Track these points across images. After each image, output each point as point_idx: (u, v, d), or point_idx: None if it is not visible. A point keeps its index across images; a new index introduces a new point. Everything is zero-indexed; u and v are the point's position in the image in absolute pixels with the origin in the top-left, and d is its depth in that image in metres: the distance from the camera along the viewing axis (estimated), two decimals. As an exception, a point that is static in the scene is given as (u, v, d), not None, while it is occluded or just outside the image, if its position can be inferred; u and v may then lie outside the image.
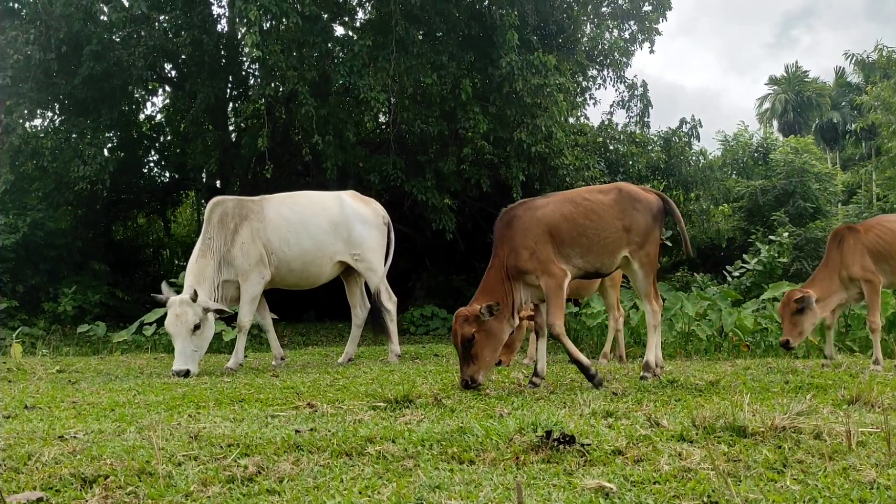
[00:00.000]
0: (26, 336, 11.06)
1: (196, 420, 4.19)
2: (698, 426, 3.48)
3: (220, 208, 7.47)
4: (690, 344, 8.63)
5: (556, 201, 5.64)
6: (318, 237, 7.68)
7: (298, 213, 7.68)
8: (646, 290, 5.71)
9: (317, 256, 7.69)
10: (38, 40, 11.90)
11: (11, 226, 12.94)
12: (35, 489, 2.81)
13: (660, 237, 5.77)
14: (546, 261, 5.40)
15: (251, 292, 7.43)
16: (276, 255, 7.49)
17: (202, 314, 6.82)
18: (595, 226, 5.53)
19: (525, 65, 12.50)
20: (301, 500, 2.64)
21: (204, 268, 7.19)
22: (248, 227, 7.41)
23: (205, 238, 7.36)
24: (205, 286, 7.10)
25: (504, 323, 5.37)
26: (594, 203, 5.60)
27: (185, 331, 6.75)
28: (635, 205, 5.61)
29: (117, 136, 15.17)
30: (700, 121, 16.21)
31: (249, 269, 7.37)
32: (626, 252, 5.60)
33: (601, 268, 5.64)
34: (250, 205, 7.58)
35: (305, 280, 7.84)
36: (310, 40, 12.78)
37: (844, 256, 6.57)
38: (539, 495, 2.60)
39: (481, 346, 5.25)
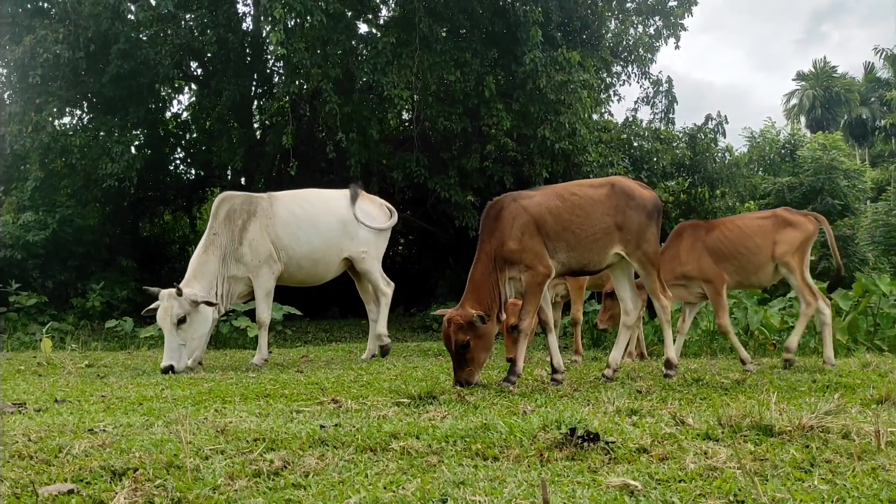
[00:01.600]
0: (56, 331, 11.23)
1: (222, 415, 4.24)
2: (724, 425, 3.45)
3: (228, 204, 7.46)
4: (715, 342, 8.55)
5: (544, 194, 5.53)
6: (327, 234, 7.69)
7: (308, 210, 7.69)
8: (651, 288, 5.62)
9: (325, 254, 7.70)
10: (67, 39, 12.06)
11: (41, 222, 13.14)
12: (66, 481, 2.86)
13: (657, 235, 5.62)
14: (534, 253, 5.30)
15: (264, 288, 7.43)
16: (286, 251, 7.50)
17: (189, 307, 6.77)
18: (581, 221, 5.41)
19: (549, 61, 12.46)
20: (326, 494, 2.66)
21: (205, 262, 7.18)
22: (257, 223, 7.40)
23: (210, 233, 7.34)
24: (202, 281, 7.07)
25: (494, 320, 5.30)
26: (582, 198, 5.49)
27: (169, 324, 6.75)
28: (629, 202, 5.48)
29: (144, 133, 15.34)
30: (726, 117, 16.06)
31: (259, 265, 7.37)
32: (618, 250, 5.48)
33: (588, 265, 5.52)
34: (259, 201, 7.57)
35: (313, 277, 7.86)
36: (334, 38, 12.83)
37: (680, 253, 6.35)
38: (563, 492, 2.59)
39: (476, 350, 5.21)
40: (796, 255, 6.30)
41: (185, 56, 14.13)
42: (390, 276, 8.30)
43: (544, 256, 5.33)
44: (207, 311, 6.99)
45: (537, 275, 5.29)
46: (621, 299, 5.82)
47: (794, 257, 6.28)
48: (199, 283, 7.03)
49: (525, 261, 5.30)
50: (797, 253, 6.30)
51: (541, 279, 5.30)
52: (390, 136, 16.05)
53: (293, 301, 11.60)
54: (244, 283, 7.45)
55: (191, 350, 6.90)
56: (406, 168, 13.47)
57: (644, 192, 5.64)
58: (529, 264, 5.30)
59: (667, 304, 5.63)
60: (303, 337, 12.40)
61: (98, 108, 14.13)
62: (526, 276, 5.31)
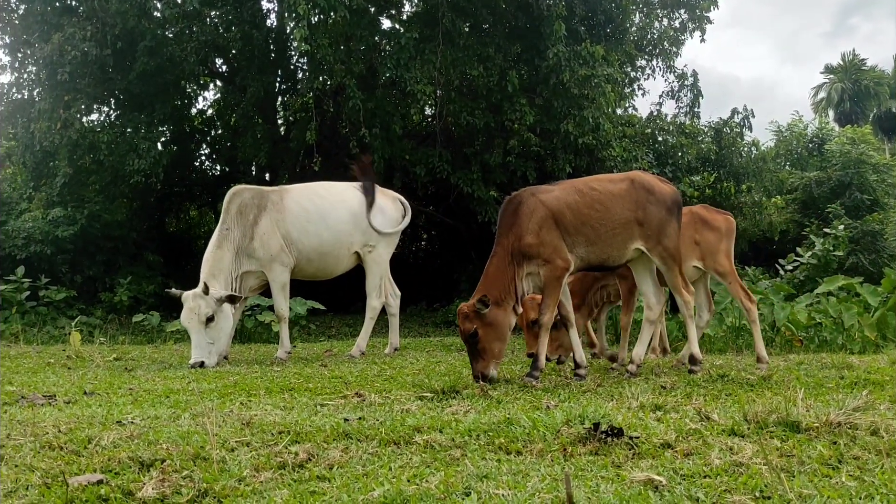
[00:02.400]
0: (84, 325, 11.40)
1: (248, 407, 4.28)
2: (750, 421, 3.42)
3: (239, 199, 7.46)
4: (741, 338, 8.46)
5: (563, 189, 5.51)
6: (337, 228, 7.66)
7: (318, 204, 7.67)
8: (673, 283, 5.59)
9: (335, 247, 7.68)
10: (95, 37, 12.20)
11: (70, 218, 13.33)
12: (95, 471, 2.90)
13: (678, 229, 5.57)
14: (552, 247, 5.28)
15: (279, 281, 7.44)
16: (296, 245, 7.50)
17: (215, 306, 6.83)
18: (600, 216, 5.38)
19: (572, 56, 12.39)
20: (350, 486, 2.68)
21: (220, 259, 7.19)
22: (268, 217, 7.40)
23: (222, 228, 7.36)
24: (220, 278, 7.10)
25: (509, 312, 5.27)
26: (602, 193, 5.45)
27: (198, 324, 6.79)
28: (648, 197, 5.45)
29: (170, 130, 15.48)
30: (752, 111, 15.85)
31: (271, 260, 7.37)
32: (639, 245, 5.45)
33: (607, 260, 5.48)
34: (269, 195, 7.56)
35: (322, 271, 7.84)
36: (357, 34, 12.86)
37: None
38: (587, 487, 2.59)
39: (486, 339, 5.18)
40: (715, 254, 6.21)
41: (210, 53, 14.23)
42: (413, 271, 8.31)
43: (563, 250, 5.31)
44: (229, 308, 7.04)
45: (556, 268, 5.28)
46: (643, 294, 5.79)
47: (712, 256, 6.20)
48: (219, 279, 7.06)
49: (543, 255, 5.29)
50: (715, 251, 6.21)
51: (559, 273, 5.28)
52: (413, 131, 16.06)
53: (317, 296, 11.67)
54: (256, 277, 7.46)
55: (220, 346, 6.97)
56: (429, 163, 13.48)
57: (664, 187, 5.60)
58: (548, 258, 5.29)
59: (689, 299, 5.59)
60: (326, 332, 12.48)
61: (125, 105, 14.29)
62: (544, 271, 5.30)
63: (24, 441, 3.41)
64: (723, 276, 6.17)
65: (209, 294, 6.80)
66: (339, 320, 13.52)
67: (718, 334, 8.65)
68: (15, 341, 9.94)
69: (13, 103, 14.16)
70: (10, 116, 14.26)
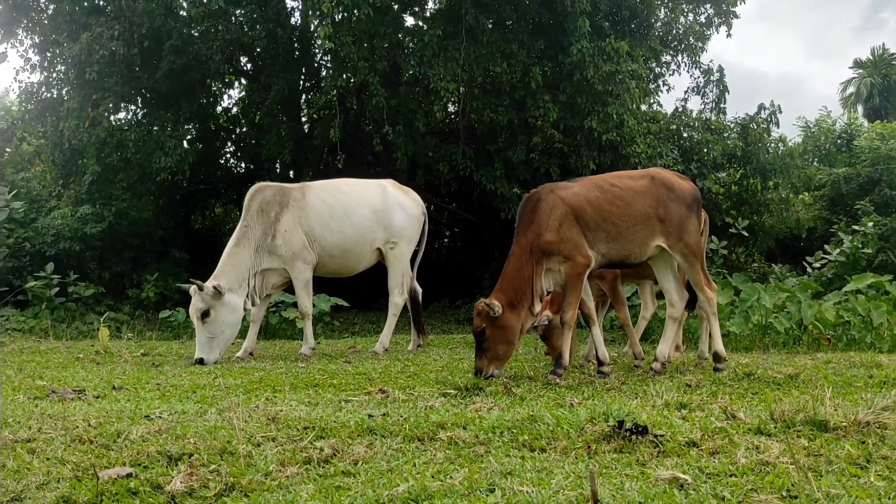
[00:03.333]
0: (112, 320, 11.55)
1: (273, 403, 4.32)
2: (777, 420, 3.39)
3: (260, 196, 7.47)
4: (768, 337, 8.37)
5: (583, 185, 5.48)
6: (360, 225, 7.67)
7: (341, 200, 7.67)
8: (695, 280, 5.54)
9: (357, 244, 7.69)
10: (122, 36, 12.35)
11: (98, 215, 13.51)
12: (125, 465, 2.95)
13: (699, 225, 5.54)
14: (572, 244, 5.25)
15: (302, 279, 7.45)
16: (318, 242, 7.50)
17: (210, 300, 6.82)
18: (621, 213, 5.35)
19: (596, 52, 12.32)
20: (375, 482, 2.70)
21: (235, 255, 7.20)
22: (290, 214, 7.40)
23: (242, 225, 7.37)
24: (230, 273, 7.09)
25: (522, 314, 5.26)
26: (623, 189, 5.43)
27: (195, 319, 6.85)
28: (669, 194, 5.42)
29: (196, 128, 15.62)
30: (779, 106, 15.62)
31: (294, 257, 7.38)
32: (660, 242, 5.41)
33: (628, 257, 5.45)
34: (291, 192, 7.56)
35: (345, 267, 7.85)
36: (381, 31, 12.89)
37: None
38: (612, 484, 2.59)
39: (492, 340, 5.20)
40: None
41: (235, 51, 14.34)
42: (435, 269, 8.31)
43: (583, 247, 5.28)
44: (235, 301, 6.99)
45: (577, 265, 5.25)
46: (665, 291, 5.76)
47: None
48: (227, 276, 7.07)
49: (564, 251, 5.26)
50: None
51: (581, 269, 5.26)
52: (436, 128, 16.07)
53: (340, 293, 11.73)
54: (278, 274, 7.47)
55: (224, 341, 6.92)
56: (452, 160, 13.48)
57: (683, 184, 5.58)
58: (568, 255, 5.26)
59: (712, 295, 5.55)
60: (350, 328, 12.54)
61: (152, 104, 14.45)
62: (565, 267, 5.28)
63: (55, 434, 3.47)
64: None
65: (203, 289, 6.81)
66: (363, 317, 13.58)
67: (744, 332, 8.56)
68: (45, 336, 10.11)
69: (43, 102, 14.38)
70: (39, 115, 14.49)
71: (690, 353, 7.25)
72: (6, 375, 5.93)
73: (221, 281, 6.96)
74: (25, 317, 11.33)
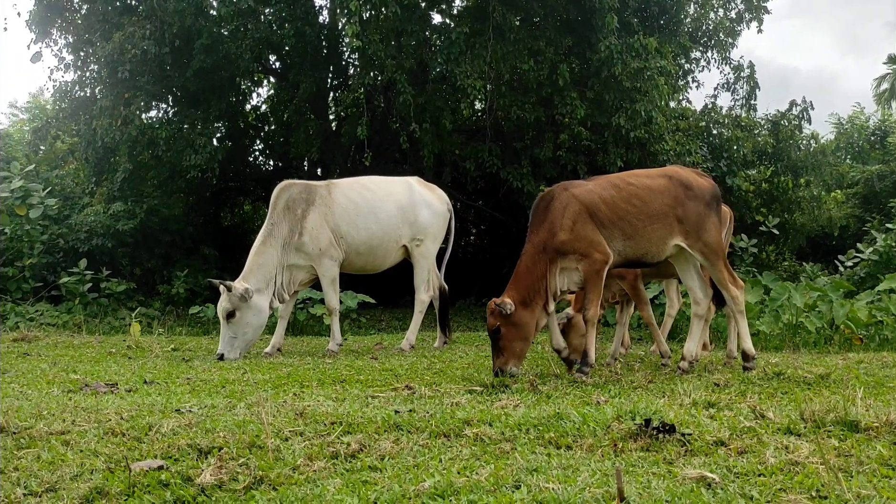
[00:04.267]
0: (143, 316, 11.71)
1: (301, 398, 4.36)
2: (807, 419, 3.36)
3: (287, 194, 7.51)
4: (798, 336, 8.27)
5: (599, 184, 5.46)
6: (386, 222, 7.69)
7: (367, 197, 7.70)
8: (718, 279, 5.46)
9: (384, 241, 7.70)
10: (154, 35, 12.50)
11: (130, 212, 13.71)
12: (156, 457, 3.01)
13: (718, 224, 5.45)
14: (587, 241, 5.22)
15: (328, 276, 7.49)
16: (345, 239, 7.53)
17: (237, 302, 6.89)
18: (638, 212, 5.30)
19: (625, 48, 12.22)
20: (402, 477, 2.72)
21: (262, 254, 7.26)
22: (316, 211, 7.44)
23: (268, 223, 7.42)
24: (258, 274, 7.16)
25: (536, 312, 5.27)
26: (639, 188, 5.38)
27: (222, 318, 6.94)
28: (687, 192, 5.36)
29: (225, 126, 15.77)
30: (811, 103, 15.38)
31: (321, 254, 7.42)
32: (678, 241, 5.34)
33: (645, 256, 5.41)
34: (317, 189, 7.61)
35: (371, 264, 7.87)
36: (408, 29, 12.90)
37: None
38: (638, 483, 2.58)
39: (507, 338, 5.21)
40: None
41: (264, 50, 14.43)
42: (462, 266, 8.30)
43: (600, 243, 5.25)
44: (261, 303, 7.07)
45: (595, 262, 5.23)
46: (689, 289, 5.69)
47: None
48: (255, 276, 7.13)
49: (579, 250, 5.25)
50: None
51: (599, 266, 5.24)
52: (463, 126, 16.06)
53: (367, 290, 11.78)
54: (306, 271, 7.51)
55: (245, 341, 7.01)
56: (478, 158, 13.46)
57: (702, 182, 5.50)
58: (584, 252, 5.24)
59: (737, 293, 5.46)
60: (376, 325, 12.59)
61: (182, 102, 14.60)
62: (583, 265, 5.26)
63: (89, 427, 3.54)
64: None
65: (231, 290, 6.89)
66: (389, 314, 13.63)
67: (774, 332, 8.46)
68: (78, 331, 10.29)
69: (76, 101, 14.60)
70: (73, 114, 14.71)
71: (719, 352, 7.18)
72: (41, 369, 6.06)
73: (250, 282, 7.04)
74: (59, 312, 11.54)
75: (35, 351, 7.59)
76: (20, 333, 9.16)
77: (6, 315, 10.84)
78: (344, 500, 2.49)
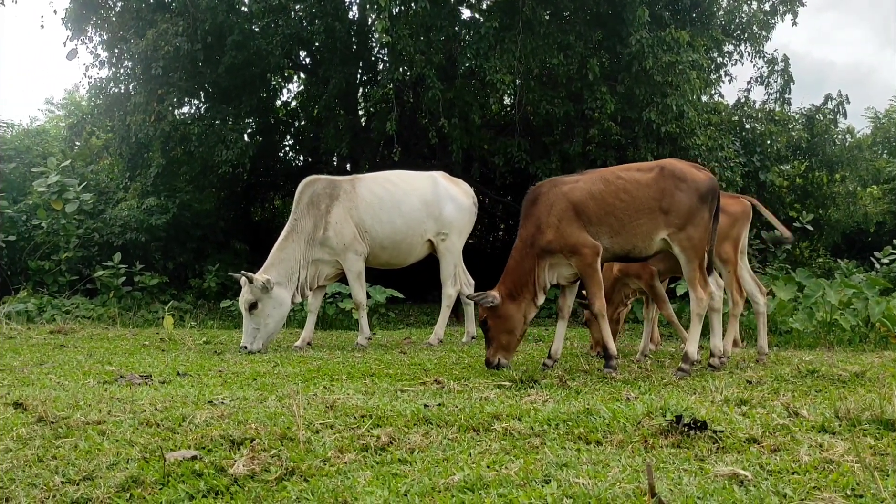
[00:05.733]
0: (175, 309, 11.88)
1: (331, 391, 4.40)
2: (842, 418, 3.31)
3: (311, 189, 7.56)
4: (832, 334, 8.14)
5: (587, 179, 5.46)
6: (410, 216, 7.68)
7: (391, 191, 7.70)
8: (689, 276, 5.31)
9: (408, 235, 7.70)
10: (186, 32, 12.64)
11: (163, 207, 13.91)
12: (189, 448, 3.05)
13: (709, 219, 5.31)
14: (573, 239, 5.27)
15: (354, 270, 7.52)
16: (369, 233, 7.55)
17: (259, 293, 6.94)
18: (625, 206, 5.28)
19: (656, 42, 12.09)
20: (431, 470, 2.73)
21: (284, 248, 7.32)
22: (340, 206, 7.47)
23: (292, 219, 7.48)
24: (280, 267, 7.21)
25: (523, 306, 5.40)
26: (627, 182, 5.34)
27: (244, 310, 6.99)
28: (678, 184, 5.26)
29: (256, 121, 15.89)
30: (847, 97, 15.07)
31: (345, 249, 7.44)
32: (664, 235, 5.27)
33: (633, 250, 5.38)
34: (343, 184, 7.63)
35: (396, 258, 7.87)
36: (437, 24, 12.89)
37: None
38: (669, 479, 2.56)
39: (494, 330, 5.39)
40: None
41: (294, 46, 14.52)
42: (490, 261, 8.29)
43: (586, 239, 5.28)
44: (282, 295, 7.11)
45: (585, 256, 5.28)
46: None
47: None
48: (276, 269, 7.19)
49: (566, 248, 5.32)
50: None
51: (591, 259, 5.27)
52: (492, 121, 16.01)
53: (396, 285, 11.83)
54: (331, 266, 7.55)
55: (267, 332, 7.06)
56: (507, 153, 13.42)
57: (698, 175, 5.38)
58: (572, 250, 5.30)
59: (702, 296, 5.27)
60: (405, 319, 12.64)
61: (214, 98, 14.75)
62: (576, 262, 5.33)
63: (124, 417, 3.61)
64: (724, 262, 5.98)
65: (253, 282, 6.95)
66: (418, 308, 13.66)
67: (808, 329, 8.33)
68: (112, 324, 10.46)
69: (110, 97, 14.81)
70: (107, 110, 14.93)
71: (751, 350, 7.10)
72: (77, 360, 6.18)
73: (271, 274, 7.09)
74: (94, 305, 11.75)
75: (71, 343, 7.74)
76: (57, 326, 9.35)
77: (43, 308, 11.05)
78: (374, 492, 2.51)
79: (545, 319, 12.56)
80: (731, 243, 6.01)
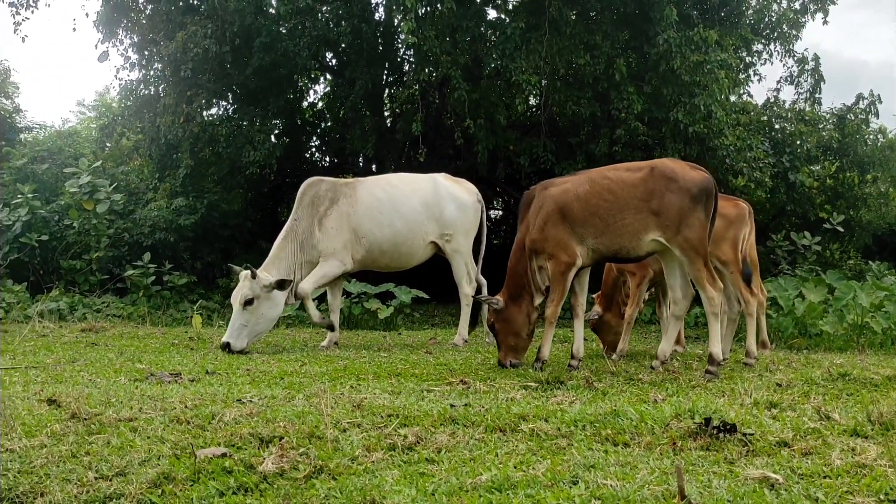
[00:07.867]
0: (203, 308, 12.01)
1: (357, 391, 4.42)
2: (874, 421, 3.26)
3: (313, 190, 7.57)
4: (864, 337, 8.01)
5: (575, 180, 5.49)
6: (410, 217, 7.63)
7: (390, 193, 7.67)
8: (696, 277, 5.22)
9: (408, 237, 7.65)
10: (215, 34, 12.76)
11: (191, 207, 14.08)
12: (219, 445, 3.09)
13: (705, 219, 5.19)
14: (555, 243, 5.35)
15: (324, 270, 7.41)
16: (367, 237, 7.52)
17: (259, 291, 6.92)
18: (609, 206, 5.25)
19: (684, 41, 11.98)
20: (458, 470, 2.74)
21: (283, 248, 7.35)
22: (337, 211, 7.45)
23: (292, 219, 7.50)
24: (279, 265, 7.24)
25: (524, 308, 5.57)
26: (613, 182, 5.32)
27: (237, 304, 6.95)
28: (669, 185, 5.17)
29: (283, 123, 16.01)
30: (879, 96, 14.83)
31: (332, 254, 7.41)
32: (656, 236, 5.19)
33: (620, 251, 5.34)
34: (343, 188, 7.63)
35: (397, 261, 7.82)
36: (463, 25, 12.90)
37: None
38: (699, 482, 2.55)
39: (501, 332, 5.62)
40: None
41: (321, 47, 14.61)
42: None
43: (569, 245, 5.34)
44: (279, 296, 7.09)
45: (559, 263, 5.37)
46: (670, 287, 5.51)
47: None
48: (276, 267, 7.22)
49: (547, 250, 5.40)
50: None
51: (563, 268, 5.35)
52: (517, 121, 15.98)
53: (420, 285, 11.85)
54: None
55: (255, 332, 7.02)
56: (533, 153, 13.38)
57: (691, 175, 5.25)
58: (552, 253, 5.39)
59: (714, 294, 5.18)
60: (430, 320, 12.65)
61: (242, 100, 14.89)
62: (550, 265, 5.43)
63: (155, 415, 3.66)
64: (724, 264, 5.92)
65: (257, 279, 6.94)
66: (443, 309, 13.67)
67: (839, 332, 8.21)
68: (142, 323, 10.61)
69: (141, 99, 15.01)
70: (137, 111, 15.13)
71: (780, 352, 7.02)
72: (108, 358, 6.27)
73: (272, 273, 7.13)
74: (124, 304, 11.92)
75: (102, 341, 7.86)
76: (88, 324, 9.50)
77: (75, 306, 11.24)
78: (402, 490, 2.52)
79: (569, 321, 12.53)
80: (729, 244, 5.95)
